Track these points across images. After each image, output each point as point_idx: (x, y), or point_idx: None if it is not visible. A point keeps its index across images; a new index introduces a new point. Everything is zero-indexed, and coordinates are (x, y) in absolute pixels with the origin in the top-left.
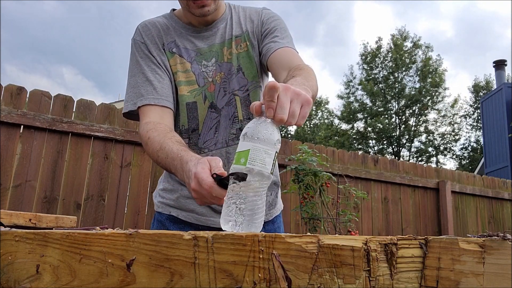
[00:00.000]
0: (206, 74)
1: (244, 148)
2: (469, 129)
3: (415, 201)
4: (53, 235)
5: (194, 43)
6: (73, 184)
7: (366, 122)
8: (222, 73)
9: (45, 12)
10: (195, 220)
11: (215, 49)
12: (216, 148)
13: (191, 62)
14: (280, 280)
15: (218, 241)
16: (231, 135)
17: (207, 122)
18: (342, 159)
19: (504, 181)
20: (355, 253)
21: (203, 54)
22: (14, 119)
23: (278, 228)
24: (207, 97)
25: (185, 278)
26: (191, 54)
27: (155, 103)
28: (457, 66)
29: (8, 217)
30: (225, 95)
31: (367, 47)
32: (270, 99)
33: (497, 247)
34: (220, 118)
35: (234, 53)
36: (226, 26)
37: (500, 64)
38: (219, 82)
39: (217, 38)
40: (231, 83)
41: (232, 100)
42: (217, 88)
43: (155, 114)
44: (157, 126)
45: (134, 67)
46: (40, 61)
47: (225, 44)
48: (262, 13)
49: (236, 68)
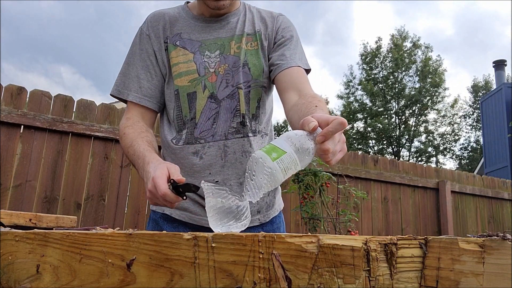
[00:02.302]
0: (208, 65)
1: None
2: (468, 129)
3: (415, 201)
4: (53, 235)
5: (200, 34)
6: (73, 184)
7: (366, 122)
8: (226, 65)
9: (42, 10)
10: (188, 219)
11: (221, 42)
12: (214, 140)
13: (194, 52)
14: (280, 280)
15: (218, 241)
16: (231, 128)
17: (205, 112)
18: (342, 159)
19: (504, 181)
20: (355, 253)
21: (207, 45)
22: (14, 119)
23: (278, 228)
24: (207, 87)
25: (185, 278)
26: (195, 45)
27: (138, 102)
28: (457, 64)
29: (8, 217)
30: (227, 86)
31: (367, 47)
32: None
33: (497, 247)
34: (219, 109)
35: (243, 48)
36: (238, 22)
37: (499, 64)
38: (222, 73)
39: (225, 31)
40: (236, 76)
41: (236, 93)
42: (219, 79)
43: (136, 112)
44: (135, 124)
45: (131, 57)
46: (37, 59)
47: (233, 39)
48: (278, 20)
49: (243, 62)
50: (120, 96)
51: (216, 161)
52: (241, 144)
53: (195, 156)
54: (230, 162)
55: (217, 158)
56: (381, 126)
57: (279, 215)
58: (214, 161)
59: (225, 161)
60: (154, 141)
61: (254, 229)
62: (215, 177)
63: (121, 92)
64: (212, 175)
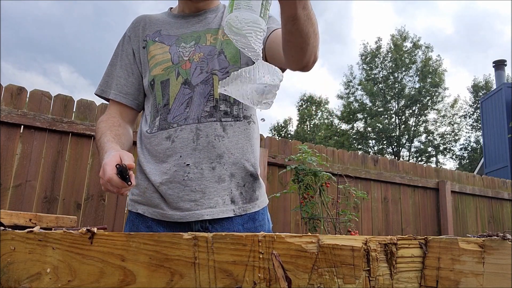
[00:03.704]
0: (182, 54)
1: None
2: (469, 129)
3: (415, 201)
4: (53, 235)
5: (178, 30)
6: (73, 184)
7: (366, 122)
8: (201, 54)
9: (40, 9)
10: (161, 217)
11: (197, 34)
12: (187, 123)
13: (171, 45)
14: (280, 280)
15: (218, 241)
16: (204, 112)
17: (179, 98)
18: (342, 159)
19: (504, 181)
20: (355, 253)
21: (184, 38)
22: (14, 119)
23: (261, 226)
24: (181, 74)
25: (185, 278)
26: (172, 39)
27: (114, 99)
28: (457, 63)
29: (8, 217)
30: (201, 73)
31: (366, 47)
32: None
33: (497, 247)
34: (193, 94)
35: (219, 39)
36: (215, 17)
37: (500, 64)
38: (197, 61)
39: (202, 25)
40: (211, 63)
41: (210, 79)
42: (193, 66)
43: (115, 109)
44: (109, 119)
45: (114, 58)
46: (35, 59)
47: (210, 31)
48: None
49: (218, 51)
50: (103, 95)
51: (187, 143)
52: (214, 128)
53: (168, 140)
54: (202, 145)
55: (189, 141)
56: (381, 126)
57: (262, 212)
58: (185, 143)
59: (197, 144)
60: (125, 135)
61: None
62: (185, 160)
63: (104, 91)
64: (182, 158)
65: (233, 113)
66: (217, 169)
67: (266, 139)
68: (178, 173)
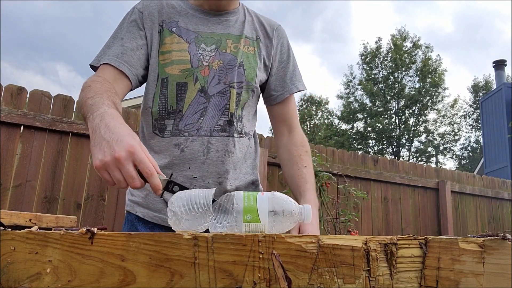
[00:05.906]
0: (202, 57)
1: (260, 217)
2: (468, 129)
3: (415, 201)
4: (53, 235)
5: (197, 26)
6: (73, 184)
7: (366, 122)
8: (221, 62)
9: (37, 8)
10: (161, 221)
11: (218, 37)
12: (199, 134)
13: (189, 42)
14: (280, 280)
15: (218, 241)
16: (217, 126)
17: (193, 105)
18: (342, 159)
19: (504, 181)
20: (355, 253)
21: (203, 38)
22: (14, 119)
23: None
24: (199, 80)
25: (185, 278)
26: (190, 36)
27: (113, 64)
28: (457, 62)
29: (8, 217)
30: (219, 83)
31: (366, 47)
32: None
33: (497, 247)
34: (208, 105)
35: (241, 50)
36: (237, 21)
37: (499, 64)
38: (216, 68)
39: (223, 27)
40: (230, 75)
41: (227, 91)
42: (211, 74)
43: (109, 73)
44: (105, 82)
45: (117, 30)
46: (33, 57)
47: (231, 37)
48: (278, 33)
49: (239, 63)
50: (100, 62)
51: (198, 156)
52: (225, 143)
53: (176, 148)
54: (211, 160)
55: (199, 154)
56: (381, 126)
57: None
58: (195, 156)
59: (207, 157)
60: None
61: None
62: (194, 172)
63: (99, 61)
64: (191, 170)
65: (238, 129)
66: (223, 184)
67: (266, 139)
68: (184, 184)
